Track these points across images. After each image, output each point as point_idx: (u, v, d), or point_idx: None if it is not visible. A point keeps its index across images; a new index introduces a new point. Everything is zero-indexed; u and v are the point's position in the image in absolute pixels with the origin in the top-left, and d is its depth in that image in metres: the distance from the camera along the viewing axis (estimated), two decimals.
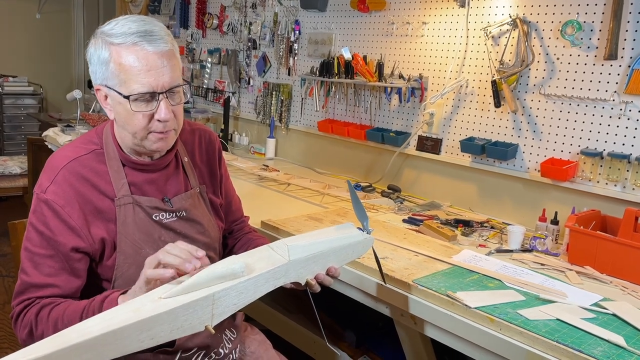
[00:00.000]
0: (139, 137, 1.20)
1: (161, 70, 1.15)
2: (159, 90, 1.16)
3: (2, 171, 4.05)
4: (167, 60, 1.16)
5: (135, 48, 1.13)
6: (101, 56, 1.16)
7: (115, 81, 1.16)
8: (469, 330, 1.29)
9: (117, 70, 1.15)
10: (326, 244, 1.17)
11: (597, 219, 1.78)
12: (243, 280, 0.97)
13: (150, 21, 1.18)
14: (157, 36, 1.15)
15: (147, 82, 1.14)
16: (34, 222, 1.19)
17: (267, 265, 1.04)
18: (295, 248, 1.09)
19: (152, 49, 1.14)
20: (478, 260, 1.64)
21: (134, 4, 4.56)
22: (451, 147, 2.35)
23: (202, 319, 0.92)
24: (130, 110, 1.16)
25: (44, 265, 1.17)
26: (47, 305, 1.13)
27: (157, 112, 1.17)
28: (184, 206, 1.32)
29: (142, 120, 1.18)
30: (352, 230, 1.26)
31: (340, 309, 2.14)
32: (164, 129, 1.20)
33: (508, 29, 2.11)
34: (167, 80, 1.16)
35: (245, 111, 3.52)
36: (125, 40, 1.13)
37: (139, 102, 1.16)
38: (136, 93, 1.14)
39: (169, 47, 1.16)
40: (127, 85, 1.15)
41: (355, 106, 2.74)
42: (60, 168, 1.21)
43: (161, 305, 0.87)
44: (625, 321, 1.30)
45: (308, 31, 2.98)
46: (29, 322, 1.13)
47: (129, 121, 1.19)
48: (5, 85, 5.41)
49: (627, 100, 1.83)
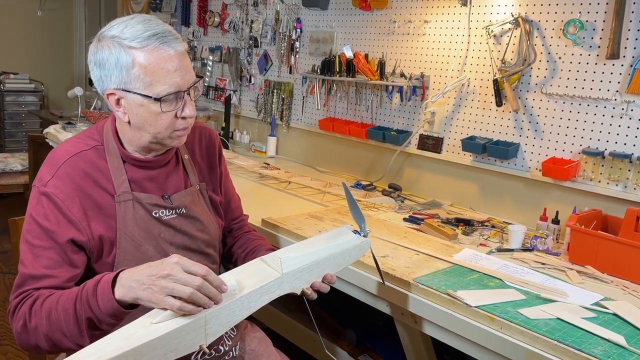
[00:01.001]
0: (161, 137, 1.23)
1: (185, 69, 1.20)
2: (184, 88, 1.20)
3: (3, 168, 4.05)
4: (185, 58, 1.21)
5: (159, 51, 1.16)
6: (121, 60, 1.15)
7: (138, 84, 1.16)
8: (470, 329, 1.29)
9: (142, 74, 1.15)
10: (320, 253, 1.15)
11: (598, 219, 1.77)
12: (235, 299, 0.96)
13: (155, 20, 1.20)
14: (173, 37, 1.19)
15: (174, 82, 1.18)
16: (33, 215, 1.18)
17: (260, 280, 1.02)
18: (288, 260, 1.08)
19: (173, 50, 1.17)
20: (479, 259, 1.63)
21: (135, 1, 4.55)
22: (452, 146, 2.35)
23: (196, 339, 0.91)
24: (156, 111, 1.18)
25: (42, 257, 1.17)
26: (42, 296, 1.11)
27: (183, 109, 1.21)
28: (183, 203, 1.33)
29: (167, 120, 1.21)
30: (349, 235, 1.24)
31: (340, 307, 2.14)
32: (186, 124, 1.24)
33: (510, 27, 2.10)
34: (190, 79, 1.21)
35: (247, 109, 3.52)
36: (146, 43, 1.15)
37: (167, 103, 1.19)
38: (165, 94, 1.17)
39: (184, 47, 1.21)
40: (152, 87, 1.16)
41: (356, 105, 2.74)
42: (62, 162, 1.21)
43: (153, 331, 0.86)
44: (626, 321, 1.30)
45: (310, 29, 2.98)
46: (23, 315, 1.11)
47: (153, 122, 1.20)
48: (7, 82, 5.41)
49: (629, 100, 1.82)
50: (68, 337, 1.06)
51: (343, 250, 1.20)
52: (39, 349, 1.12)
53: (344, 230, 1.27)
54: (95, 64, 1.19)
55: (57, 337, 1.08)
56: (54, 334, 1.07)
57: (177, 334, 0.88)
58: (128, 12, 4.59)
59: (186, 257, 1.31)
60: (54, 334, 1.08)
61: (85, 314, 1.03)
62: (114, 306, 1.00)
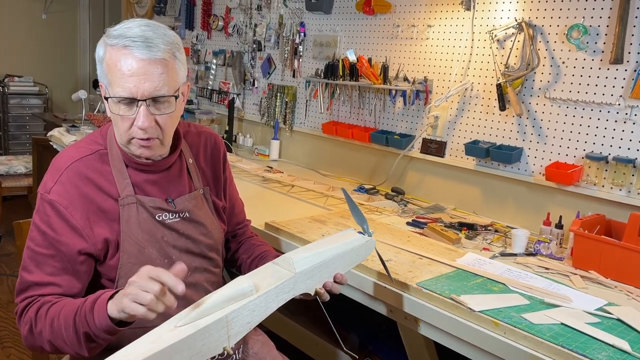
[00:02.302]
0: (124, 140, 1.22)
1: (144, 77, 1.13)
2: (138, 97, 1.15)
3: (7, 170, 4.06)
4: (155, 68, 1.14)
5: (124, 51, 1.13)
6: (99, 54, 1.19)
7: (105, 80, 1.19)
8: (473, 334, 1.29)
9: (106, 71, 1.17)
10: (329, 252, 1.18)
11: (602, 224, 1.77)
12: (253, 298, 0.99)
13: (156, 28, 1.18)
14: (152, 44, 1.14)
15: (127, 87, 1.14)
16: (37, 222, 1.21)
17: (275, 280, 1.05)
18: (300, 260, 1.10)
19: (140, 55, 1.13)
20: (482, 264, 1.63)
21: (139, 5, 4.56)
22: (455, 150, 2.35)
23: (219, 340, 0.94)
24: (111, 112, 1.19)
25: (45, 264, 1.18)
26: (47, 303, 1.15)
27: (135, 118, 1.17)
28: (187, 207, 1.33)
29: (124, 124, 1.19)
30: (354, 235, 1.27)
31: (343, 311, 2.14)
32: (144, 136, 1.19)
33: (513, 32, 2.10)
34: (147, 88, 1.14)
35: (250, 113, 3.53)
36: (118, 42, 1.14)
37: (120, 105, 1.16)
38: (116, 96, 1.15)
39: (160, 56, 1.14)
40: (111, 86, 1.17)
41: (359, 108, 2.74)
42: (64, 169, 1.22)
43: (177, 333, 0.89)
44: (630, 326, 1.30)
45: (313, 33, 2.98)
46: (29, 320, 1.15)
47: (115, 122, 1.21)
48: (11, 85, 5.43)
49: (633, 105, 1.82)
50: (68, 346, 1.11)
51: (350, 249, 1.23)
52: (44, 350, 1.17)
53: (347, 232, 1.29)
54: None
55: (59, 344, 1.12)
56: (56, 340, 1.12)
57: (200, 335, 0.90)
58: (132, 15, 4.60)
59: (189, 260, 1.33)
60: (56, 341, 1.12)
61: (82, 328, 1.07)
62: (108, 323, 1.04)
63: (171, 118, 1.22)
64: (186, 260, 1.32)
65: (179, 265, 1.00)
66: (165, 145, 1.26)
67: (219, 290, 0.98)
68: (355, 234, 1.28)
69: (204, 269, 1.37)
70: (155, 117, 1.18)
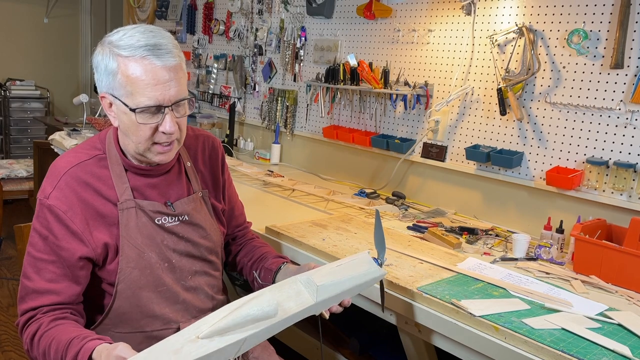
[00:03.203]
0: (142, 148, 1.22)
1: (168, 84, 1.16)
2: (165, 103, 1.17)
3: (9, 174, 4.07)
4: (174, 73, 1.17)
5: (144, 62, 1.14)
6: (108, 66, 1.17)
7: (121, 92, 1.17)
8: (474, 339, 1.29)
9: (125, 82, 1.16)
10: (351, 282, 1.19)
11: (603, 228, 1.77)
12: (274, 321, 1.01)
13: (159, 33, 1.19)
14: (165, 50, 1.16)
15: (153, 95, 1.15)
16: (37, 228, 1.21)
17: (296, 305, 1.07)
18: (324, 289, 1.11)
19: (160, 63, 1.15)
20: (483, 269, 1.63)
21: (141, 9, 4.58)
22: (456, 155, 2.35)
23: (229, 354, 0.96)
24: (135, 122, 1.18)
25: (45, 270, 1.19)
26: (42, 328, 1.15)
27: (162, 124, 1.19)
28: (186, 210, 1.33)
29: (146, 132, 1.19)
30: (371, 266, 1.26)
31: (344, 315, 2.13)
32: (167, 140, 1.21)
33: (514, 37, 2.11)
34: (173, 94, 1.17)
35: (251, 117, 3.53)
36: (133, 53, 1.14)
37: (145, 115, 1.17)
38: (143, 106, 1.16)
39: (176, 61, 1.17)
40: (133, 97, 1.16)
41: (360, 113, 2.75)
42: (63, 174, 1.22)
43: (200, 346, 0.91)
44: (631, 331, 1.29)
45: (314, 37, 2.99)
46: (27, 342, 1.17)
47: (134, 132, 1.20)
48: (13, 88, 5.44)
49: (633, 110, 1.82)
50: None
51: (365, 282, 1.24)
52: None
53: (366, 258, 1.28)
54: (94, 66, 1.22)
55: None
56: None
57: (218, 352, 0.93)
58: (134, 19, 4.62)
59: (189, 264, 1.34)
60: None
61: None
62: None
63: (186, 118, 1.26)
64: (186, 264, 1.33)
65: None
66: (180, 145, 1.29)
67: (245, 307, 0.98)
68: (371, 261, 1.27)
69: (204, 272, 1.37)
70: (177, 120, 1.21)
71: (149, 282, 1.26)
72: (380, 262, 1.29)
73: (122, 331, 1.27)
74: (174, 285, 1.30)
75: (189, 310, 1.33)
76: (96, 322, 1.28)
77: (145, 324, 1.28)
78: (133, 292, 1.25)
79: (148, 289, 1.26)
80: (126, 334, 1.27)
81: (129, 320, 1.27)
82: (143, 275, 1.26)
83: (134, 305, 1.26)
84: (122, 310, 1.26)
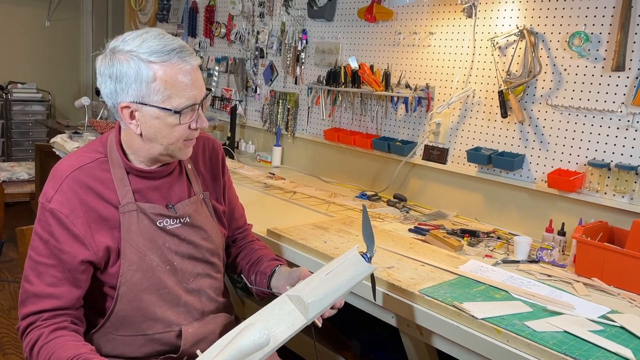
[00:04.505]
0: (174, 148, 1.25)
1: (199, 82, 1.23)
2: (199, 101, 1.23)
3: (10, 177, 4.07)
4: (199, 73, 1.25)
5: (179, 65, 1.19)
6: (141, 74, 1.17)
7: (158, 97, 1.18)
8: (476, 342, 1.29)
9: (163, 87, 1.18)
10: (341, 290, 1.19)
11: (605, 231, 1.77)
12: (267, 351, 1.02)
13: (168, 36, 1.23)
14: (189, 51, 1.22)
15: (192, 95, 1.21)
16: (38, 231, 1.21)
17: (288, 328, 1.08)
18: (315, 304, 1.12)
19: (190, 65, 1.21)
20: (484, 271, 1.63)
21: (142, 12, 4.59)
22: (457, 157, 2.35)
23: None
24: (172, 123, 1.21)
25: (46, 274, 1.19)
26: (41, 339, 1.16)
27: (197, 121, 1.25)
28: (187, 212, 1.34)
29: (182, 132, 1.23)
30: (360, 264, 1.26)
31: (345, 318, 2.13)
32: (197, 135, 1.30)
33: (515, 39, 2.11)
34: (203, 91, 1.25)
35: (252, 119, 3.54)
36: (166, 58, 1.18)
37: (184, 115, 1.22)
38: (184, 107, 1.20)
39: (199, 61, 1.24)
40: (171, 100, 1.19)
41: (361, 115, 2.75)
42: (65, 177, 1.22)
43: None
44: (633, 334, 1.29)
45: (315, 40, 2.99)
46: (27, 351, 1.18)
47: (167, 134, 1.22)
48: (14, 91, 5.45)
49: (635, 112, 1.82)
50: None
51: (356, 283, 1.24)
52: None
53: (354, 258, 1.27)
54: (110, 77, 1.19)
55: None
56: None
57: None
58: (135, 23, 4.63)
59: (191, 266, 1.34)
60: None
61: None
62: None
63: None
64: (188, 266, 1.33)
65: None
66: None
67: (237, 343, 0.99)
68: (361, 260, 1.27)
69: (206, 275, 1.37)
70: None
71: (150, 285, 1.26)
72: (370, 255, 1.29)
73: (124, 334, 1.27)
74: (176, 287, 1.30)
75: (190, 313, 1.33)
76: (98, 325, 1.28)
77: (147, 326, 1.28)
78: (135, 295, 1.25)
79: (150, 291, 1.26)
80: (128, 337, 1.27)
81: (130, 323, 1.27)
82: (145, 278, 1.26)
83: (135, 308, 1.26)
84: (123, 314, 1.26)
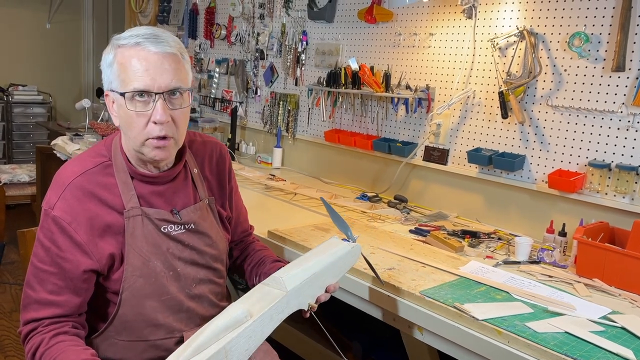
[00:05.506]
0: (138, 143, 1.20)
1: (160, 69, 1.15)
2: (155, 90, 1.16)
3: (11, 179, 4.08)
4: (168, 62, 1.16)
5: (137, 48, 1.15)
6: (107, 59, 1.19)
7: (117, 82, 1.18)
8: (477, 343, 1.28)
9: (119, 70, 1.17)
10: (317, 265, 1.18)
11: (606, 231, 1.77)
12: (248, 324, 0.99)
13: (162, 30, 1.21)
14: (162, 39, 1.17)
15: (143, 80, 1.15)
16: (41, 238, 1.20)
17: (267, 303, 1.05)
18: (289, 278, 1.10)
19: (154, 49, 1.15)
20: (485, 272, 1.63)
21: (143, 14, 4.60)
22: (458, 158, 2.35)
23: None
24: (127, 110, 1.16)
25: (48, 282, 1.19)
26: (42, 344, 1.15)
27: (152, 113, 1.16)
28: (192, 218, 1.32)
29: (138, 122, 1.17)
30: (339, 243, 1.28)
31: (346, 319, 2.13)
32: (160, 133, 1.18)
33: (515, 40, 2.11)
34: (165, 82, 1.16)
35: (253, 121, 3.54)
36: (129, 41, 1.16)
37: (135, 101, 1.16)
38: (130, 89, 1.15)
39: (172, 51, 1.17)
40: (125, 84, 1.16)
41: (362, 116, 2.75)
42: (67, 184, 1.21)
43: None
44: (634, 334, 1.29)
45: (315, 42, 3.00)
46: (29, 356, 1.17)
47: (129, 124, 1.19)
48: (15, 93, 5.46)
49: (635, 112, 1.82)
50: None
51: (337, 257, 1.24)
52: None
53: (332, 241, 1.30)
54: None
55: None
56: None
57: None
58: (136, 24, 4.64)
59: (194, 272, 1.33)
60: None
61: None
62: None
63: (184, 114, 1.23)
64: (191, 272, 1.32)
65: None
66: (178, 145, 1.26)
67: (213, 321, 0.97)
68: (340, 242, 1.29)
69: (208, 280, 1.36)
70: (171, 112, 1.18)
71: (153, 291, 1.25)
72: (352, 239, 1.30)
73: (125, 339, 1.27)
74: (178, 293, 1.29)
75: (192, 319, 1.32)
76: (99, 330, 1.27)
77: (149, 332, 1.27)
78: (137, 301, 1.24)
79: (152, 297, 1.25)
80: (129, 342, 1.27)
81: (132, 328, 1.26)
82: (148, 284, 1.25)
83: (137, 314, 1.25)
84: (125, 319, 1.25)
